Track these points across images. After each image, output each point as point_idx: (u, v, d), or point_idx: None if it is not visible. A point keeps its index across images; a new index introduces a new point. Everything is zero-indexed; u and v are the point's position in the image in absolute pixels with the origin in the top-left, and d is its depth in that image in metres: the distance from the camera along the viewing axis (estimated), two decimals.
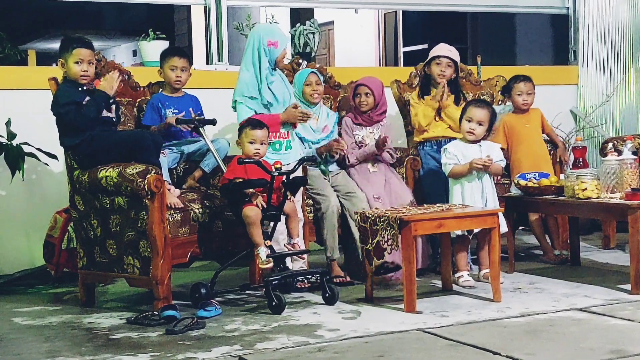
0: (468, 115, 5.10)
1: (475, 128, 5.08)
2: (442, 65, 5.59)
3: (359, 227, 4.77)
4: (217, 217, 4.92)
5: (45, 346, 4.08)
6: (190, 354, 3.83)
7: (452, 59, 5.61)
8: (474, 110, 5.09)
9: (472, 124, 5.08)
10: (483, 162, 5.01)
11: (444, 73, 5.59)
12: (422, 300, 4.62)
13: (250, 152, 4.78)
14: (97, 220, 4.84)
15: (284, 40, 5.19)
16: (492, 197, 5.12)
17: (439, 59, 5.60)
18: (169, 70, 5.25)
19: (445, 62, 5.59)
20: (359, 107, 5.52)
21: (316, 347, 3.86)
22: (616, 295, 4.69)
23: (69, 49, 4.82)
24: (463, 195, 5.08)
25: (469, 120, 5.09)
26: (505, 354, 3.63)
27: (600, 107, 7.53)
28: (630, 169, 4.96)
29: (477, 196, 5.07)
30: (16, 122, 5.54)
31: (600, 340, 3.80)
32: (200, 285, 4.81)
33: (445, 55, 5.60)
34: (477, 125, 5.08)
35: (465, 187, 5.08)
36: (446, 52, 5.62)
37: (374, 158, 5.50)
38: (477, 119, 5.07)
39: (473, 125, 5.08)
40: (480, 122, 5.08)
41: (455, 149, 5.11)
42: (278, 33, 5.24)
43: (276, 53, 5.13)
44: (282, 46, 5.15)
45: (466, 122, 5.10)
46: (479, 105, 5.14)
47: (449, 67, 5.60)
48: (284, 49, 5.17)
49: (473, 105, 5.14)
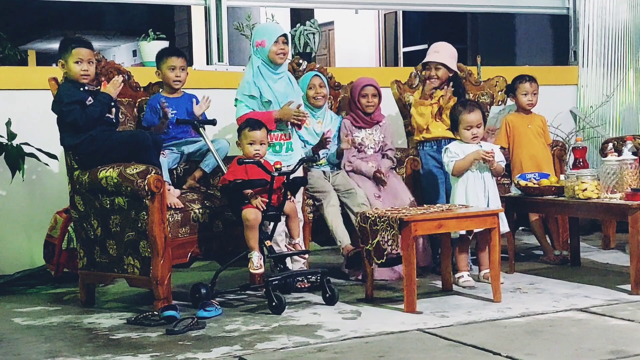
0: (465, 124, 5.09)
1: (477, 132, 5.10)
2: (431, 71, 5.58)
3: (359, 228, 4.77)
4: (217, 217, 4.92)
5: (46, 346, 4.09)
6: (190, 354, 3.83)
7: (439, 62, 5.57)
8: (469, 116, 5.08)
9: (473, 130, 5.09)
10: (486, 152, 5.01)
11: (433, 76, 5.57)
12: (422, 300, 4.62)
13: (251, 153, 4.78)
14: (98, 221, 4.84)
15: (271, 36, 5.09)
16: (494, 196, 5.13)
17: (428, 64, 5.59)
18: (168, 71, 5.24)
19: (433, 65, 5.57)
20: (365, 109, 5.51)
21: (316, 348, 3.86)
22: (616, 295, 4.69)
23: (68, 49, 4.83)
24: (467, 193, 5.07)
25: (468, 128, 5.09)
26: (506, 354, 3.63)
27: (600, 107, 7.53)
28: (630, 169, 4.96)
29: (480, 194, 5.07)
30: (16, 122, 5.54)
31: (601, 341, 3.80)
32: (201, 286, 4.81)
33: (431, 61, 5.57)
34: (477, 128, 5.09)
35: (468, 185, 5.08)
36: (432, 57, 5.58)
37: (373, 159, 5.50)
38: (475, 123, 5.08)
39: (474, 131, 5.10)
40: (478, 124, 5.09)
41: (456, 148, 5.12)
42: (265, 31, 5.19)
43: (265, 52, 5.09)
44: (269, 43, 5.07)
45: (466, 130, 5.10)
46: (470, 109, 5.11)
47: (437, 69, 5.57)
48: (274, 44, 5.07)
49: (465, 112, 5.10)
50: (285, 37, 5.13)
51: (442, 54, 5.61)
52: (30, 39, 18.55)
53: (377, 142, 5.55)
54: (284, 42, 5.12)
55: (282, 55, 5.10)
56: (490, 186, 5.13)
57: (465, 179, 5.10)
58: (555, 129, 6.82)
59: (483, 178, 5.10)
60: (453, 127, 5.19)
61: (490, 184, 5.13)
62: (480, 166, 5.09)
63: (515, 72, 6.21)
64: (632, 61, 7.69)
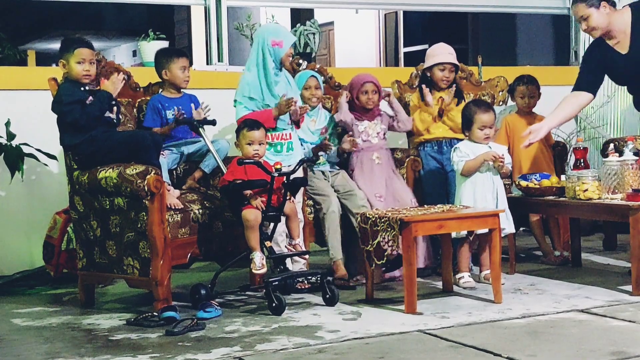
0: (480, 123, 5.08)
1: (489, 133, 5.11)
2: (446, 72, 5.59)
3: (359, 228, 4.76)
4: (217, 217, 4.91)
5: (45, 347, 4.08)
6: (190, 355, 3.82)
7: (455, 63, 5.60)
8: (484, 117, 5.07)
9: (486, 130, 5.09)
10: (498, 156, 5.01)
11: (448, 78, 5.59)
12: (422, 301, 4.62)
13: (250, 154, 4.77)
14: (97, 221, 4.83)
15: (289, 40, 5.16)
16: (502, 197, 5.13)
17: (443, 64, 5.59)
18: (178, 71, 5.22)
19: (448, 67, 5.59)
20: (365, 105, 5.49)
21: (316, 349, 3.85)
22: (617, 296, 4.69)
23: (71, 49, 4.83)
24: (475, 194, 5.06)
25: (482, 128, 5.08)
26: (506, 355, 3.63)
27: (601, 107, 7.51)
28: (631, 169, 4.94)
29: (489, 195, 5.06)
30: (16, 122, 5.53)
31: (601, 342, 3.79)
32: (200, 287, 4.80)
33: (448, 62, 5.59)
34: (490, 129, 5.10)
35: (477, 186, 5.07)
36: (448, 58, 5.60)
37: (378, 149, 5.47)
38: (489, 124, 5.08)
39: (487, 131, 5.10)
40: (491, 125, 5.10)
41: (466, 147, 5.12)
42: (283, 32, 5.23)
43: (281, 53, 5.10)
44: (287, 46, 5.12)
45: (479, 130, 5.09)
46: (486, 109, 5.11)
47: (452, 72, 5.61)
48: (289, 49, 5.14)
49: (480, 111, 5.09)
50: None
51: (454, 56, 5.64)
52: (30, 39, 18.56)
53: (380, 132, 5.53)
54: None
55: (292, 60, 5.25)
56: (500, 187, 5.13)
57: (474, 180, 5.08)
58: (556, 130, 6.80)
59: (492, 180, 5.09)
60: (465, 126, 5.18)
61: (500, 186, 5.13)
62: (489, 167, 5.08)
63: (516, 72, 6.20)
64: None
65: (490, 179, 5.09)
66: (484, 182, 5.08)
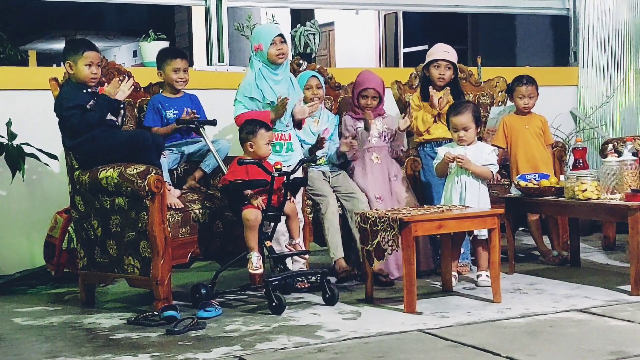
0: (452, 126, 5.10)
1: (463, 135, 5.08)
2: (441, 69, 5.59)
3: (359, 228, 4.77)
4: (218, 217, 4.92)
5: (46, 346, 4.09)
6: (190, 354, 3.83)
7: (450, 61, 5.60)
8: (455, 119, 5.08)
9: (460, 132, 5.09)
10: (453, 156, 5.00)
11: (443, 76, 5.59)
12: (422, 301, 4.62)
13: (267, 153, 4.84)
14: (98, 221, 4.84)
15: (267, 39, 5.08)
16: (474, 199, 5.04)
17: (437, 62, 5.59)
18: (172, 72, 5.23)
19: (443, 64, 5.58)
20: (364, 110, 5.49)
21: (316, 348, 3.86)
22: (616, 296, 4.70)
23: (79, 52, 4.84)
24: (445, 195, 5.13)
25: (455, 130, 5.09)
26: (505, 354, 3.64)
27: (600, 108, 7.53)
28: (630, 170, 4.96)
29: (455, 197, 5.06)
30: (16, 122, 5.54)
31: (601, 341, 3.80)
32: (201, 286, 4.82)
33: (442, 59, 5.59)
34: (464, 131, 5.08)
35: (447, 187, 5.13)
36: (443, 55, 5.60)
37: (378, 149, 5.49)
38: (461, 126, 5.07)
39: (461, 133, 5.09)
40: (464, 127, 5.07)
41: (444, 150, 5.14)
42: (260, 34, 5.17)
43: (264, 55, 5.10)
44: (266, 46, 5.07)
45: (454, 132, 5.11)
46: (458, 111, 5.10)
47: (448, 69, 5.60)
48: (271, 45, 5.06)
49: (452, 114, 5.11)
50: (281, 36, 5.12)
51: (452, 54, 5.63)
52: (31, 39, 18.55)
53: (381, 131, 5.54)
54: (281, 41, 5.10)
55: (282, 56, 5.09)
56: (470, 189, 5.06)
57: (447, 181, 5.13)
58: (555, 130, 6.82)
59: (460, 181, 5.08)
60: (448, 128, 5.21)
61: (471, 188, 5.06)
62: (457, 169, 5.07)
63: (515, 72, 6.20)
64: (632, 62, 7.68)
65: (457, 182, 5.08)
66: (452, 185, 5.10)
